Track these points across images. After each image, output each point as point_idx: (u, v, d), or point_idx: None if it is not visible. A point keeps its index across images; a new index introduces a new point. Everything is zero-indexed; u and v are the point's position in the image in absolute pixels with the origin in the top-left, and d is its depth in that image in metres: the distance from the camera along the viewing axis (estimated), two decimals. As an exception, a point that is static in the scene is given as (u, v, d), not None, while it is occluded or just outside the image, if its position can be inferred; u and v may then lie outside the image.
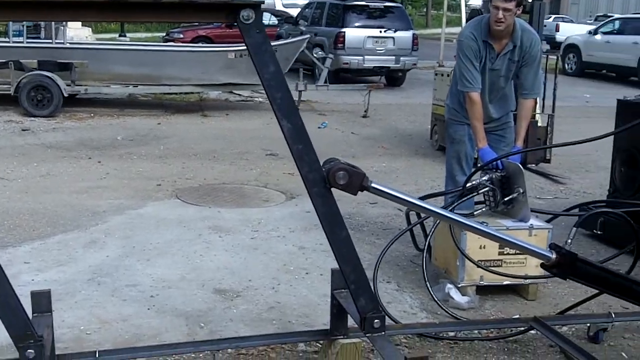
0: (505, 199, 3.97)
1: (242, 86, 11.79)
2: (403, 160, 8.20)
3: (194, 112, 11.39)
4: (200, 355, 3.28)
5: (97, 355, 3.00)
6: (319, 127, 10.34)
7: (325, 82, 11.71)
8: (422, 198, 4.30)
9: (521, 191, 3.94)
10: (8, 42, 10.75)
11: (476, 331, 3.60)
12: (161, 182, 6.73)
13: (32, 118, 10.00)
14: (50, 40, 10.74)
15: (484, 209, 4.08)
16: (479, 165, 4.18)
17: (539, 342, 3.51)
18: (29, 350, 2.58)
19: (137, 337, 3.46)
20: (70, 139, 8.79)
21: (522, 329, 3.52)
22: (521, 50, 4.26)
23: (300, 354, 3.35)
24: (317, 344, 3.35)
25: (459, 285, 3.96)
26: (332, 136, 9.74)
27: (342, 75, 14.81)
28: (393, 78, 14.92)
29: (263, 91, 11.98)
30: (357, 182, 2.74)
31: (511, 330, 3.57)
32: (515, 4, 4.07)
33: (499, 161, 4.00)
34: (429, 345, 3.46)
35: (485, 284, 3.99)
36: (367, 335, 2.83)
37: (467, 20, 8.01)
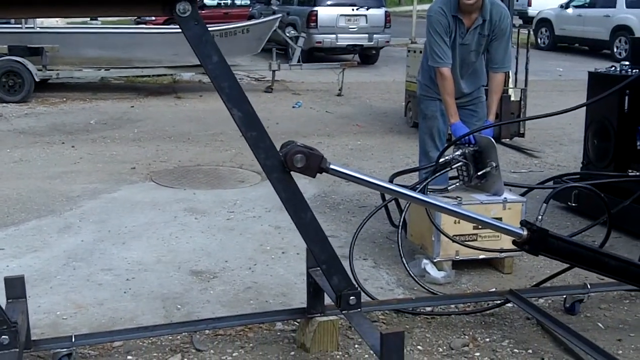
0: (479, 173, 3.99)
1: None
2: (378, 137, 8.21)
3: (168, 94, 11.29)
4: (178, 337, 3.27)
5: (73, 340, 2.99)
6: (293, 107, 10.32)
7: (299, 61, 11.67)
8: (395, 175, 4.32)
9: (494, 165, 3.96)
10: (-23, 27, 10.56)
11: (453, 306, 3.63)
12: (135, 165, 6.68)
13: (4, 104, 9.84)
14: (20, 25, 10.54)
15: (457, 184, 4.10)
16: (451, 140, 4.19)
17: (516, 315, 3.55)
18: (3, 337, 2.56)
19: (114, 321, 3.45)
20: (43, 124, 8.67)
21: (499, 302, 3.55)
22: (491, 25, 4.27)
23: (278, 333, 3.36)
24: (295, 323, 3.37)
25: (435, 261, 3.99)
26: (306, 115, 9.73)
27: (316, 55, 14.76)
28: (366, 56, 14.90)
29: (236, 72, 11.86)
30: (315, 164, 2.73)
31: (488, 304, 3.60)
32: None
33: (471, 136, 4.01)
34: (406, 320, 3.48)
35: (461, 258, 4.02)
36: (343, 312, 2.85)
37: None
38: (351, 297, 2.81)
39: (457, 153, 4.01)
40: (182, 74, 12.20)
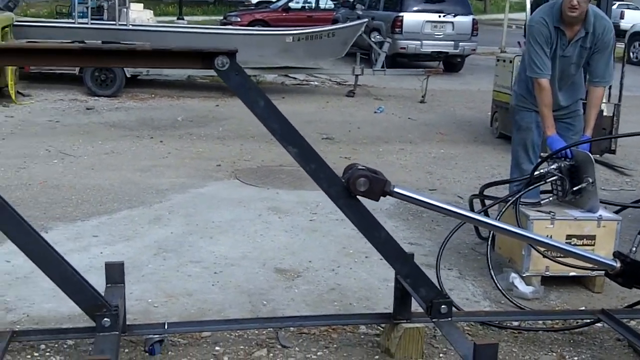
0: (574, 189, 3.89)
1: (297, 69, 11.84)
2: (461, 147, 8.10)
3: (251, 94, 11.47)
4: (264, 332, 3.33)
5: (165, 327, 3.09)
6: (375, 112, 10.31)
7: (383, 66, 11.64)
8: (485, 186, 4.27)
9: (590, 181, 3.86)
10: (73, 23, 11.00)
11: (540, 322, 3.55)
12: (220, 162, 6.83)
13: (96, 97, 10.25)
14: (114, 22, 10.94)
15: (550, 199, 4.01)
16: (546, 153, 4.10)
17: (606, 336, 3.45)
18: (104, 319, 2.66)
19: (202, 312, 3.53)
20: (133, 119, 8.97)
21: (589, 321, 3.46)
22: (594, 37, 4.15)
23: (362, 336, 3.36)
24: (379, 327, 3.37)
25: (524, 275, 3.91)
26: (388, 121, 9.70)
27: (399, 60, 14.69)
28: (451, 63, 14.72)
29: (318, 75, 12.08)
30: (378, 188, 2.76)
31: (577, 322, 3.51)
32: None
33: (568, 150, 3.92)
34: (492, 334, 3.43)
35: (550, 274, 3.92)
36: (433, 320, 2.83)
37: (531, 6, 7.83)
38: (442, 306, 2.80)
39: (552, 167, 3.93)
40: (265, 75, 12.39)
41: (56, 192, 5.57)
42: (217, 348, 3.20)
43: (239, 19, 18.86)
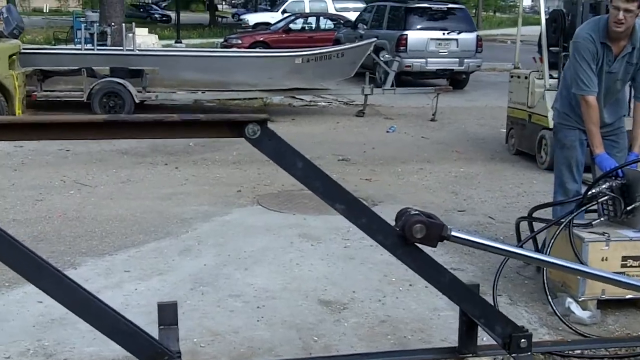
0: (628, 208, 3.76)
1: (305, 91, 11.74)
2: (480, 165, 7.98)
3: (260, 117, 11.34)
4: (320, 371, 3.17)
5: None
6: (387, 131, 10.21)
7: (392, 85, 11.56)
8: (535, 208, 4.13)
9: (644, 200, 3.73)
10: (80, 49, 10.91)
11: (603, 349, 3.40)
12: (241, 188, 6.68)
13: (104, 124, 10.10)
14: (121, 47, 10.84)
15: (602, 219, 3.88)
16: (599, 173, 3.97)
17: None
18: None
19: (252, 351, 3.37)
20: (144, 145, 8.81)
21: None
22: (640, 53, 4.05)
23: (423, 371, 3.20)
24: (441, 361, 3.21)
25: (580, 299, 3.76)
26: (402, 140, 9.59)
27: (403, 78, 14.63)
28: (456, 80, 14.65)
29: (325, 95, 11.95)
30: (435, 233, 2.62)
31: (642, 349, 3.36)
32: (637, 5, 3.84)
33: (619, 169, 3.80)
34: (557, 364, 3.29)
35: (607, 297, 3.78)
36: (513, 356, 2.68)
37: (546, 22, 7.76)
38: (522, 340, 2.64)
39: (603, 186, 3.80)
40: (272, 97, 12.29)
41: (78, 225, 5.40)
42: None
43: (240, 41, 18.81)
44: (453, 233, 2.67)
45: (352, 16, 19.85)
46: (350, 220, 2.65)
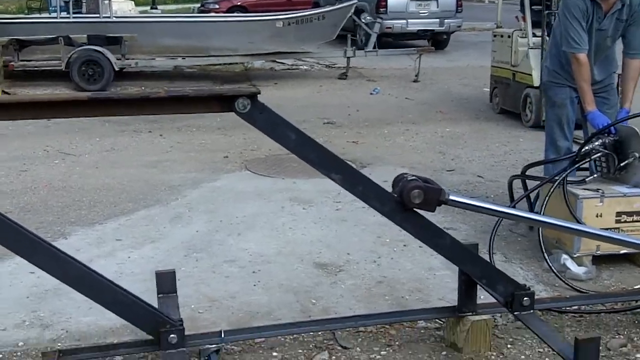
0: (621, 164, 3.78)
1: (286, 55, 11.60)
2: (465, 124, 7.98)
3: (242, 82, 11.23)
4: (319, 333, 3.17)
5: (222, 335, 2.91)
6: (371, 93, 10.15)
7: (374, 47, 11.46)
8: (528, 166, 4.13)
9: (637, 155, 3.74)
10: (55, 17, 10.65)
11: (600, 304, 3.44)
12: (227, 154, 6.63)
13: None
14: (97, 15, 10.61)
15: (595, 176, 3.90)
16: (591, 130, 3.97)
17: (670, 315, 3.35)
18: (171, 336, 2.48)
19: (251, 315, 3.36)
20: (126, 113, 8.69)
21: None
22: (630, 9, 4.02)
23: (422, 331, 3.22)
24: (438, 321, 3.23)
25: (575, 256, 3.79)
26: (386, 102, 9.55)
27: (384, 40, 14.50)
28: (437, 41, 14.57)
29: (307, 59, 11.83)
30: (433, 198, 2.62)
31: (637, 302, 3.40)
32: None
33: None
34: (554, 319, 3.30)
35: (601, 253, 3.81)
36: (515, 314, 2.69)
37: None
38: (524, 299, 2.66)
39: (596, 143, 3.80)
40: (253, 61, 12.14)
41: (65, 195, 5.33)
42: (274, 354, 3.04)
43: (217, 6, 18.50)
44: (451, 197, 2.66)
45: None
46: (346, 189, 2.64)
